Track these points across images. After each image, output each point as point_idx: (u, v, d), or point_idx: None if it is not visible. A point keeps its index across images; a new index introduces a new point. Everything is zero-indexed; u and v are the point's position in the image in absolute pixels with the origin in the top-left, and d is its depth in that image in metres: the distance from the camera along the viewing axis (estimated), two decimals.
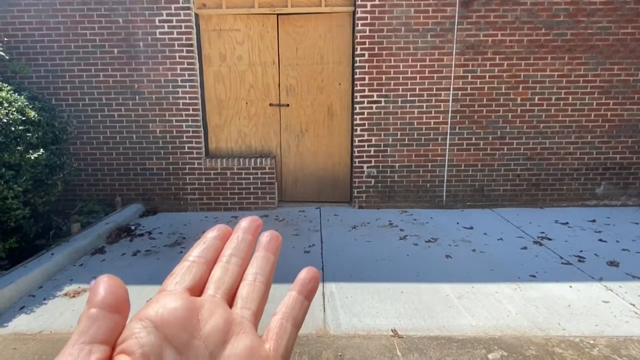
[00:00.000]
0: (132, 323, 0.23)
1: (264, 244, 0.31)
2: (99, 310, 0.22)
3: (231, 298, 0.27)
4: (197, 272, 0.28)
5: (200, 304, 0.25)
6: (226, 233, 0.31)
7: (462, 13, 4.16)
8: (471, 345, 2.15)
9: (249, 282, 0.28)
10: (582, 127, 4.40)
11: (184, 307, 0.24)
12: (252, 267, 0.29)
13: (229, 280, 0.28)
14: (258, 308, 0.27)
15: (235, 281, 0.28)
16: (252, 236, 0.31)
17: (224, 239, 0.31)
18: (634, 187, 4.52)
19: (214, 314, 0.25)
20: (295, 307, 0.28)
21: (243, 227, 0.32)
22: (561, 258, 3.19)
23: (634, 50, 4.23)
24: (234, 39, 4.42)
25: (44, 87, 4.22)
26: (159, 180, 4.51)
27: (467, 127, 4.40)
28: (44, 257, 3.11)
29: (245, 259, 0.30)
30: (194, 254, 0.29)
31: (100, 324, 0.22)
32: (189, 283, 0.27)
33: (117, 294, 0.23)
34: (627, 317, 2.38)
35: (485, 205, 4.56)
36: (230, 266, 0.29)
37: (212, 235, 0.31)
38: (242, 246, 0.30)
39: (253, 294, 0.28)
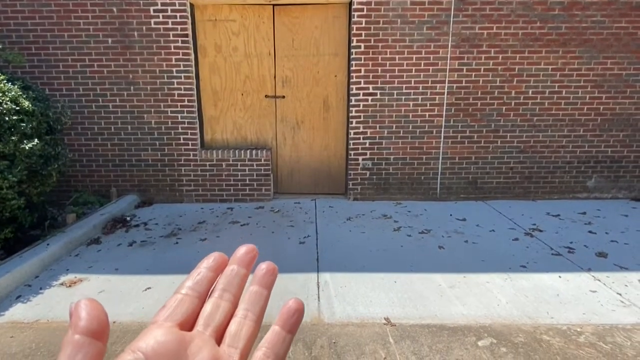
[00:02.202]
0: (125, 354, 0.24)
1: (258, 278, 0.31)
2: (84, 337, 0.23)
3: (220, 334, 0.28)
4: (189, 306, 0.28)
5: (190, 339, 0.26)
6: (221, 263, 0.31)
7: (458, 5, 4.16)
8: (462, 333, 2.20)
9: (239, 319, 0.28)
10: (575, 121, 4.45)
11: (173, 341, 0.25)
12: (244, 302, 0.29)
13: (220, 317, 0.28)
14: (245, 346, 0.27)
15: (225, 317, 0.28)
16: (247, 269, 0.31)
17: (218, 270, 0.31)
18: (624, 180, 4.59)
19: (201, 350, 0.26)
20: (278, 343, 0.28)
21: (238, 258, 0.31)
22: (551, 249, 3.26)
23: (627, 44, 4.26)
24: (229, 29, 4.39)
25: (37, 76, 4.19)
26: (155, 171, 4.50)
27: (461, 120, 4.43)
28: (39, 247, 3.12)
29: (237, 295, 0.30)
30: (187, 286, 0.29)
31: (86, 350, 0.22)
32: (180, 317, 0.27)
33: (100, 319, 0.24)
34: (613, 306, 2.44)
35: (478, 198, 4.61)
36: (222, 302, 0.29)
37: (206, 265, 0.31)
38: (235, 281, 0.30)
39: (242, 331, 0.28)
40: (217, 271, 0.31)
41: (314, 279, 2.82)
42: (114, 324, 2.30)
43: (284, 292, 2.64)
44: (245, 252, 0.31)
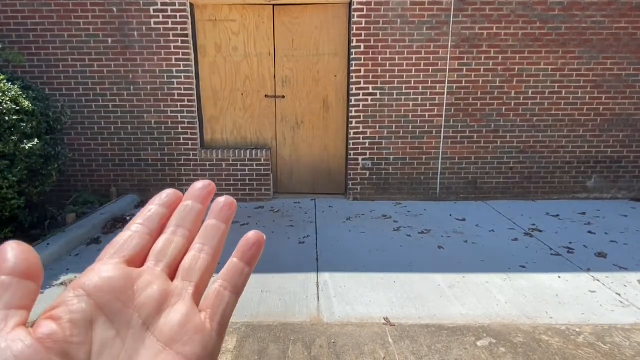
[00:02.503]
0: (65, 292, 0.22)
1: (215, 212, 0.29)
2: (11, 277, 0.21)
3: (174, 271, 0.26)
4: (138, 242, 0.26)
5: (138, 275, 0.24)
6: (175, 199, 0.29)
7: (458, 6, 4.16)
8: (461, 333, 2.21)
9: (194, 253, 0.27)
10: (575, 121, 4.45)
11: (119, 276, 0.23)
12: (199, 237, 0.28)
13: (173, 253, 0.26)
14: (201, 280, 0.26)
15: (179, 253, 0.26)
16: (203, 205, 0.29)
17: (172, 206, 0.28)
18: (624, 181, 4.59)
19: (150, 284, 0.24)
20: (235, 275, 0.26)
21: (193, 194, 0.29)
22: (551, 249, 3.26)
23: (627, 44, 4.27)
24: (229, 29, 4.39)
25: (37, 76, 4.19)
26: (155, 171, 4.51)
27: (461, 120, 4.44)
28: (39, 247, 3.12)
29: (193, 230, 0.28)
30: (137, 223, 0.27)
31: (14, 290, 0.21)
32: (128, 254, 0.25)
33: (29, 260, 0.22)
34: (612, 306, 2.45)
35: (478, 198, 4.62)
36: (176, 238, 0.27)
37: (158, 202, 0.28)
38: (190, 216, 0.28)
39: (196, 265, 0.26)
40: (170, 208, 0.28)
41: (313, 278, 2.82)
42: None
43: (284, 291, 2.65)
44: (202, 187, 0.29)
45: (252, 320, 2.34)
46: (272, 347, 2.11)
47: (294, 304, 2.50)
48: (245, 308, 2.45)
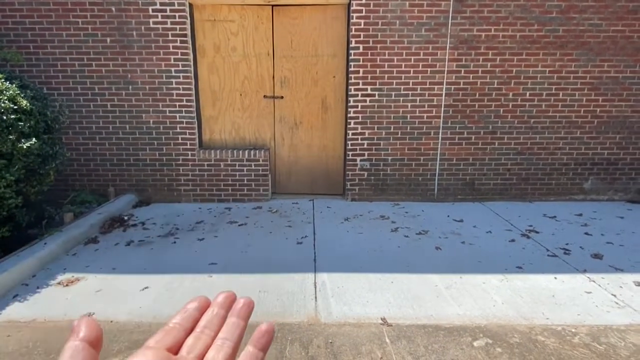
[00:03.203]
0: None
1: (236, 311, 0.36)
2: (82, 343, 0.28)
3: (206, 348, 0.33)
4: (176, 335, 0.33)
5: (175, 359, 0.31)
6: (204, 305, 0.36)
7: (456, 7, 4.18)
8: (457, 333, 2.22)
9: (217, 346, 0.33)
10: (572, 123, 4.48)
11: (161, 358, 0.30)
12: (223, 332, 0.34)
13: (201, 347, 0.33)
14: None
15: (206, 347, 0.33)
16: (226, 311, 0.36)
17: (202, 310, 0.36)
18: (620, 182, 4.62)
19: None
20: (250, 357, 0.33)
21: (218, 303, 0.36)
22: (547, 250, 3.28)
23: (624, 47, 4.29)
24: (228, 29, 4.40)
25: (35, 75, 4.18)
26: (153, 171, 4.50)
27: (459, 121, 4.45)
28: (37, 246, 3.12)
29: (217, 331, 0.34)
30: (174, 321, 0.34)
31: (84, 353, 0.28)
32: (168, 343, 0.32)
33: (96, 331, 0.29)
34: (608, 307, 2.46)
35: (475, 199, 4.63)
36: (203, 336, 0.33)
37: (191, 307, 0.36)
38: (215, 320, 0.35)
39: (219, 355, 0.32)
40: (201, 311, 0.36)
41: (311, 279, 2.83)
42: (110, 323, 2.31)
43: (281, 291, 2.65)
44: (225, 297, 0.37)
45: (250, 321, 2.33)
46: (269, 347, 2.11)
47: (292, 304, 2.51)
48: None
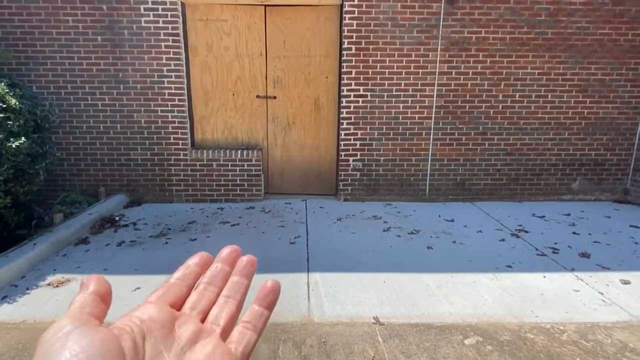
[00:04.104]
0: (123, 319, 0.28)
1: (239, 270, 0.35)
2: (92, 295, 0.28)
3: (204, 317, 0.32)
4: (177, 291, 0.32)
5: (178, 316, 0.31)
6: (206, 261, 0.35)
7: (447, 10, 4.23)
8: (449, 331, 2.25)
9: (221, 304, 0.33)
10: (560, 124, 4.56)
11: (163, 313, 0.30)
12: (226, 290, 0.34)
13: (204, 303, 0.32)
14: (226, 324, 0.32)
15: (209, 304, 0.33)
16: (230, 267, 0.35)
17: (204, 267, 0.35)
18: (607, 183, 4.71)
19: (187, 324, 0.30)
20: (256, 317, 0.33)
21: (223, 258, 0.35)
22: (536, 250, 3.33)
23: (610, 50, 4.38)
24: (220, 29, 4.39)
25: (24, 74, 4.13)
26: (144, 171, 4.47)
27: (450, 122, 4.50)
28: (26, 247, 3.08)
29: (221, 287, 0.34)
30: (175, 276, 0.34)
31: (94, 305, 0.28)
32: (170, 299, 0.32)
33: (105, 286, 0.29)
34: (595, 305, 2.52)
35: (466, 199, 4.69)
36: (207, 293, 0.33)
37: (192, 262, 0.35)
38: (219, 276, 0.34)
39: (223, 312, 0.32)
40: (203, 267, 0.35)
41: (304, 278, 2.84)
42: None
43: None
44: (229, 252, 0.35)
45: None
46: (262, 347, 2.12)
47: (285, 304, 2.51)
48: None
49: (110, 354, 0.24)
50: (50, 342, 0.24)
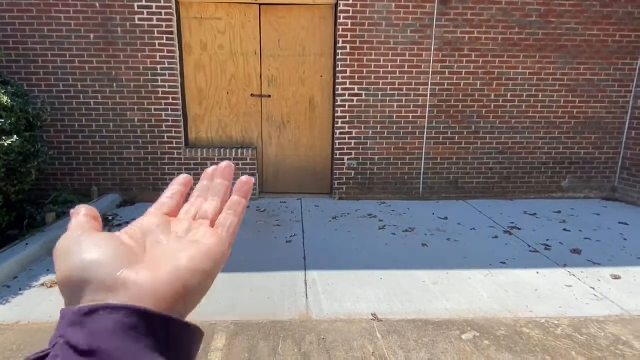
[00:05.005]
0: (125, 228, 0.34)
1: (220, 173, 0.40)
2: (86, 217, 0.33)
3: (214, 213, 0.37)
4: (171, 204, 0.37)
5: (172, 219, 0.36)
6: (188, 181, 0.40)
7: (440, 10, 4.27)
8: (446, 327, 2.28)
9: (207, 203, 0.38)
10: (550, 123, 4.64)
11: (159, 218, 0.35)
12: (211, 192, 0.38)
13: (194, 210, 0.37)
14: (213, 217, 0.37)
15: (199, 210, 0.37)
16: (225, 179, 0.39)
17: (187, 185, 0.40)
18: (595, 181, 4.81)
19: (181, 222, 0.36)
20: (235, 204, 0.37)
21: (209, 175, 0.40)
22: (529, 246, 3.39)
23: (599, 51, 4.47)
24: (215, 27, 4.37)
25: (15, 71, 4.06)
26: (137, 170, 4.43)
27: (443, 121, 4.55)
28: (18, 247, 3.03)
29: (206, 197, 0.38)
30: (165, 196, 0.38)
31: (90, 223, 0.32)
32: (166, 210, 0.37)
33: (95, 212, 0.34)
34: (587, 299, 2.57)
35: (459, 197, 4.74)
36: (197, 202, 0.38)
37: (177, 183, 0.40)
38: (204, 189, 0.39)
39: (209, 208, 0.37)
40: (186, 186, 0.40)
41: (301, 277, 2.84)
42: None
43: (272, 290, 2.66)
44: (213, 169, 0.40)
45: (241, 319, 2.34)
46: (262, 345, 2.12)
47: (283, 302, 2.52)
48: (233, 306, 2.45)
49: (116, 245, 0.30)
50: (67, 245, 0.29)
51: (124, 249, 0.30)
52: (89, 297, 0.26)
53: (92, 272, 0.27)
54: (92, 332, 0.24)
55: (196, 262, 0.30)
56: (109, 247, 0.29)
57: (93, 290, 0.26)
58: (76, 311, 0.25)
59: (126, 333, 0.24)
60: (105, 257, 0.28)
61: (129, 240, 0.31)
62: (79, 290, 0.26)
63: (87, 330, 0.24)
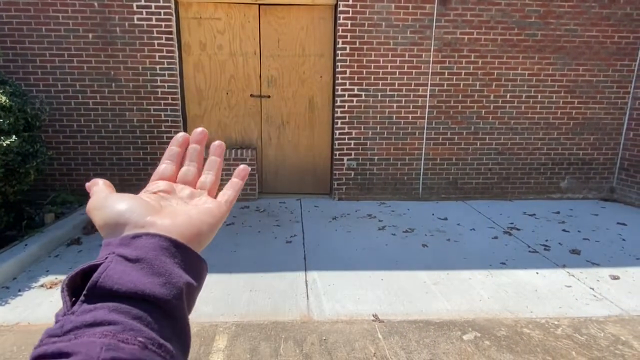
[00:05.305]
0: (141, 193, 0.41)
1: (213, 150, 0.47)
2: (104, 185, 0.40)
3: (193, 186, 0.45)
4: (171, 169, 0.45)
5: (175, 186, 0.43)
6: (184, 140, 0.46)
7: (440, 11, 4.28)
8: (447, 327, 2.28)
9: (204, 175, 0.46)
10: (549, 124, 4.65)
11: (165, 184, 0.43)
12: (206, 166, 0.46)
13: (190, 175, 0.45)
14: (210, 188, 0.45)
15: (194, 177, 0.45)
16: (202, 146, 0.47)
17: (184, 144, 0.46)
18: (594, 182, 4.83)
19: (184, 189, 0.43)
20: (233, 184, 0.46)
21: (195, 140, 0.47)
22: (528, 247, 3.40)
23: (597, 52, 4.49)
24: (214, 27, 4.36)
25: (12, 71, 4.03)
26: (136, 170, 4.41)
27: (443, 122, 4.56)
28: (16, 248, 3.01)
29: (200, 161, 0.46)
30: (165, 160, 0.45)
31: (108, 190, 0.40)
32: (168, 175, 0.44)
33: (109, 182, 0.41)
34: (587, 300, 2.58)
35: (458, 198, 4.75)
36: (190, 168, 0.45)
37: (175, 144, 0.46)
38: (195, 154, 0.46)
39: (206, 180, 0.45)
40: (182, 146, 0.46)
41: (302, 277, 2.84)
42: None
43: (273, 290, 2.66)
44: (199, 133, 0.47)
45: (242, 320, 2.34)
46: (263, 346, 2.12)
47: (284, 303, 2.52)
48: (234, 307, 2.45)
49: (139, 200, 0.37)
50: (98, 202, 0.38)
51: (146, 202, 0.37)
52: (128, 232, 0.34)
53: (126, 216, 0.35)
54: (139, 247, 0.32)
55: (203, 215, 0.39)
56: (135, 201, 0.37)
57: (130, 228, 0.34)
58: (125, 236, 0.33)
59: (162, 250, 0.33)
60: (134, 207, 0.36)
61: (147, 198, 0.39)
62: (119, 229, 0.34)
63: (134, 246, 0.32)
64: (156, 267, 0.31)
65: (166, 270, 0.32)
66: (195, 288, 0.35)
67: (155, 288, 0.30)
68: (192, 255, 0.35)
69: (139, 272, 0.30)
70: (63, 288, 0.30)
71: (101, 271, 0.30)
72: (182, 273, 0.33)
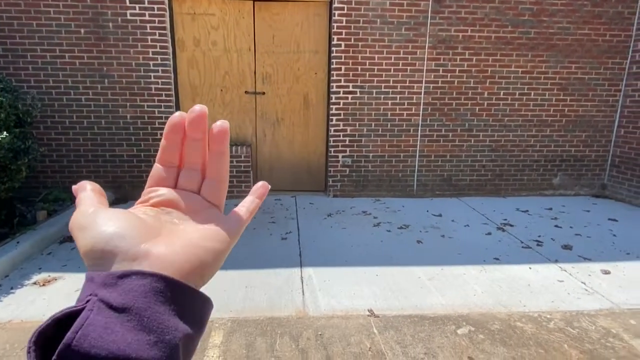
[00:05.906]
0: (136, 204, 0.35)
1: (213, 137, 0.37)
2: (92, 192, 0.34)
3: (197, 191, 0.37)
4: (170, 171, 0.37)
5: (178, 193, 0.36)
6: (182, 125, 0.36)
7: (435, 8, 4.29)
8: (442, 322, 2.30)
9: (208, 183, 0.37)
10: (542, 121, 4.70)
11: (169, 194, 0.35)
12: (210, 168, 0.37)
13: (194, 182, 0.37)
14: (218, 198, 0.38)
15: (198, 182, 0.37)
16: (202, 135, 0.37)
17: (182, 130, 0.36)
18: (586, 178, 4.89)
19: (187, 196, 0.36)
20: (247, 202, 0.39)
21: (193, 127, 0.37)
22: (522, 242, 3.44)
23: (589, 50, 4.54)
24: (208, 23, 4.33)
25: (2, 67, 3.97)
26: (130, 167, 4.38)
27: (437, 119, 4.58)
28: (8, 245, 2.98)
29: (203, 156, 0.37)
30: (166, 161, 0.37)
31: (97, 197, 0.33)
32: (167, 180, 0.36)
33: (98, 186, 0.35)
34: (579, 294, 2.62)
35: (453, 194, 4.78)
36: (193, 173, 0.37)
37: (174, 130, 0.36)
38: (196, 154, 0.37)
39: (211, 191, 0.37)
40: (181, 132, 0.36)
41: (297, 273, 2.85)
42: None
43: (268, 286, 2.66)
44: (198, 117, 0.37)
45: (238, 316, 2.34)
46: (259, 341, 2.12)
47: (279, 299, 2.52)
48: (230, 304, 2.45)
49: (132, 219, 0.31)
50: (82, 220, 0.31)
51: (140, 223, 0.31)
52: (116, 265, 0.28)
53: (114, 243, 0.29)
54: (126, 291, 0.26)
55: (207, 241, 0.33)
56: (127, 222, 0.31)
57: (119, 259, 0.29)
58: (110, 274, 0.27)
59: (155, 295, 0.27)
60: (125, 230, 0.30)
61: (143, 215, 0.33)
62: (106, 260, 0.29)
63: (120, 289, 0.27)
64: (146, 320, 0.26)
65: (159, 324, 0.26)
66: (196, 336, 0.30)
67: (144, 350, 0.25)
68: (193, 297, 0.30)
69: (124, 327, 0.25)
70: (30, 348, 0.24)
71: (77, 328, 0.24)
72: (179, 323, 0.28)
